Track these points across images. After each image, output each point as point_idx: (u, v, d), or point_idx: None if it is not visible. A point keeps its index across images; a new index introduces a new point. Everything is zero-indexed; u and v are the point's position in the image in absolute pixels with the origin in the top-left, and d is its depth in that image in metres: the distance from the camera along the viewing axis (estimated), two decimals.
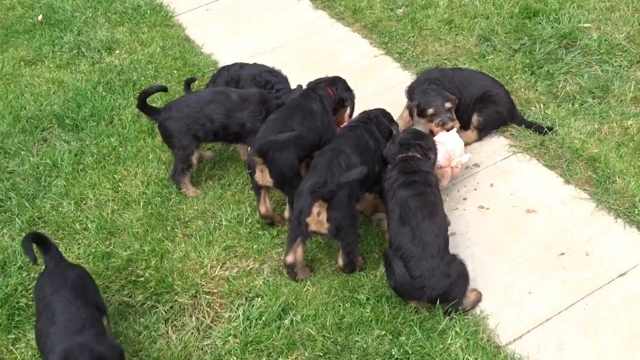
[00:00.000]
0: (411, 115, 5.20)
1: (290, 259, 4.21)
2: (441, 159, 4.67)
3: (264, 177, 4.42)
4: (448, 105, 5.06)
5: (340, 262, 4.24)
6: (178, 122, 4.80)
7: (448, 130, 4.97)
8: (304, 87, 4.99)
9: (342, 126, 4.88)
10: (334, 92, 4.86)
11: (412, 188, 4.11)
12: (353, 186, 4.16)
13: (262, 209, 4.60)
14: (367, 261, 4.36)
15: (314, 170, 4.24)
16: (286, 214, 4.59)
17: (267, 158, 4.33)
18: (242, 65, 5.49)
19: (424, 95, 5.11)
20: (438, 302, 3.90)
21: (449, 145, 4.78)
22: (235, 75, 5.39)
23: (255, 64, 5.56)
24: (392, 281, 3.93)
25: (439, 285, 3.85)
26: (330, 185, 4.02)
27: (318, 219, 4.06)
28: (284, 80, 5.36)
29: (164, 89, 5.23)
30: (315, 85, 4.89)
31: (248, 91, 5.04)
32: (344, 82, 5.00)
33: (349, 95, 4.96)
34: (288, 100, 4.86)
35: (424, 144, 4.44)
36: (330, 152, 4.32)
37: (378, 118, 4.69)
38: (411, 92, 5.30)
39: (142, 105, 4.90)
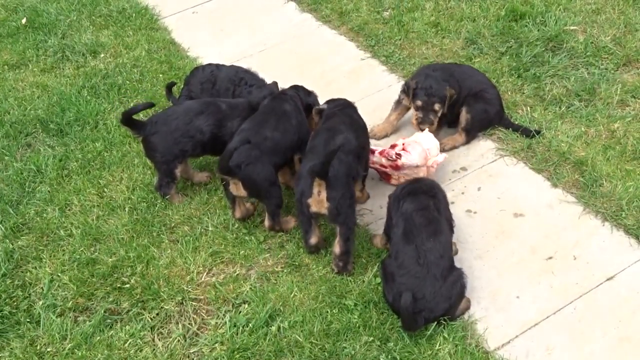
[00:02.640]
0: (407, 92, 5.16)
1: (314, 240, 4.29)
2: (417, 157, 4.77)
3: (238, 189, 4.41)
4: (437, 107, 5.05)
5: (337, 250, 4.20)
6: (165, 136, 4.67)
7: (421, 130, 5.03)
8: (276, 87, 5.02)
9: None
10: (299, 97, 4.83)
11: (417, 201, 4.08)
12: (350, 163, 4.17)
13: (238, 214, 4.63)
14: (355, 266, 4.32)
15: (311, 153, 4.24)
16: (266, 223, 4.56)
17: (238, 172, 4.30)
18: (218, 66, 5.43)
19: (426, 80, 5.08)
20: None
21: (425, 144, 4.86)
22: (212, 77, 5.32)
23: (232, 65, 5.52)
24: (391, 297, 3.87)
25: (438, 308, 3.81)
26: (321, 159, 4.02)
27: (318, 198, 4.08)
28: (261, 80, 5.32)
29: (150, 105, 5.13)
30: (284, 89, 4.91)
31: (236, 100, 4.99)
32: (303, 87, 4.96)
33: (313, 99, 4.93)
34: (261, 106, 4.76)
35: None
36: (326, 133, 4.34)
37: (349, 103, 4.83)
38: (411, 79, 5.25)
39: (127, 122, 4.74)
